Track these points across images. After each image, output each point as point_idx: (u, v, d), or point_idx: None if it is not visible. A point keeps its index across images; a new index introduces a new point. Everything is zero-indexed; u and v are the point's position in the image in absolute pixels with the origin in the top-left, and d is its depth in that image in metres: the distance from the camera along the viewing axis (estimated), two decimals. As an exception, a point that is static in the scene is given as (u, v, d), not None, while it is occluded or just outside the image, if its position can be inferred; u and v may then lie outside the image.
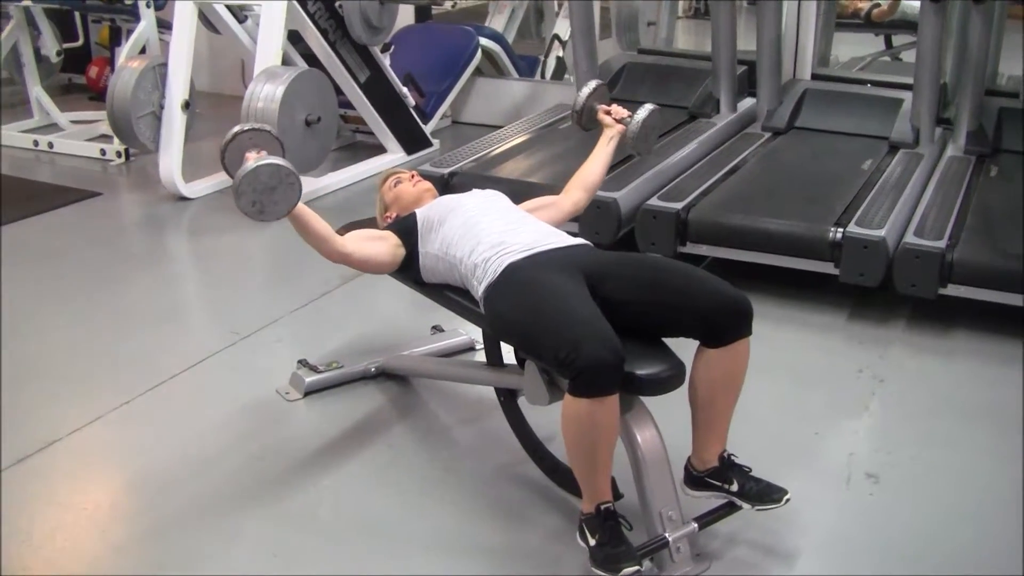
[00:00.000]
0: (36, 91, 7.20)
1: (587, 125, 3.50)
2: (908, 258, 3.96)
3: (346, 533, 2.84)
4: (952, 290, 3.98)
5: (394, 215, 3.29)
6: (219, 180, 5.81)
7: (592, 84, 3.48)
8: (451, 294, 3.03)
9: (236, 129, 2.89)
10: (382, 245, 3.07)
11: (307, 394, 3.54)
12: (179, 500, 2.99)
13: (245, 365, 3.84)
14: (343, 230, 3.58)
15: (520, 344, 2.75)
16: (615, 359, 2.36)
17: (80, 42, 7.89)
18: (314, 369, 3.61)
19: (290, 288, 4.49)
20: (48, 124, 7.16)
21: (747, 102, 5.91)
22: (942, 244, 3.97)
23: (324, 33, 5.72)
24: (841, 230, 4.08)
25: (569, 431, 2.46)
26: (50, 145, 6.73)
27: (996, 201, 4.57)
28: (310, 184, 5.69)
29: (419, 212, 3.11)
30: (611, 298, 2.63)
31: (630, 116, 3.38)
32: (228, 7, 5.92)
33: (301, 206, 2.80)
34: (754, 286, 4.24)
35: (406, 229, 3.10)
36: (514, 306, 2.66)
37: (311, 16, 5.60)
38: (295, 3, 5.50)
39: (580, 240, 2.93)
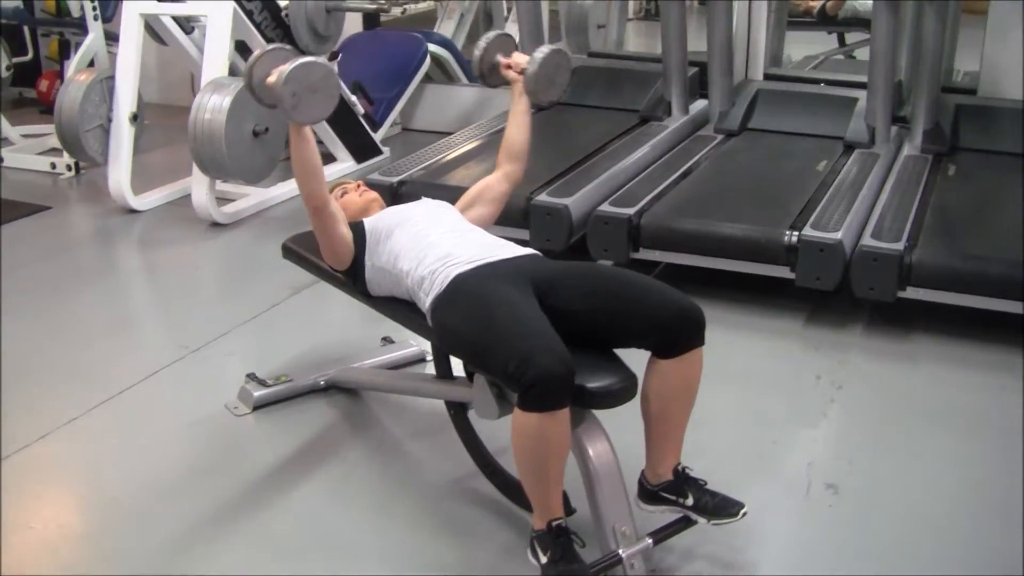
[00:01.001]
0: (-14, 106, 7.10)
1: (491, 81, 3.26)
2: (865, 261, 3.91)
3: (299, 550, 2.79)
4: (911, 293, 3.92)
5: (340, 226, 3.21)
6: (169, 192, 5.74)
7: (491, 35, 3.23)
8: (398, 306, 2.96)
9: (273, 46, 2.92)
10: (347, 230, 2.98)
11: (256, 408, 3.48)
12: (127, 519, 2.94)
13: (194, 379, 3.78)
14: (290, 243, 3.54)
15: (468, 357, 2.68)
16: (565, 372, 2.31)
17: (30, 56, 7.80)
18: (263, 383, 3.54)
19: (240, 300, 4.42)
20: (-1, 138, 7.07)
21: (699, 104, 5.85)
22: (900, 246, 3.92)
23: (271, 43, 5.61)
24: (796, 233, 4.03)
25: (519, 446, 2.40)
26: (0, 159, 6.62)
27: (955, 201, 4.52)
28: (259, 195, 5.63)
29: (367, 222, 3.04)
30: (560, 308, 2.58)
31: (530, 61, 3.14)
32: (174, 18, 5.83)
33: (311, 134, 2.80)
34: (709, 292, 4.20)
35: (356, 234, 3.02)
36: (462, 319, 2.60)
37: (257, 26, 5.51)
38: (241, 13, 5.41)
39: (529, 250, 2.86)
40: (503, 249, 2.82)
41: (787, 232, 4.06)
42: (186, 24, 5.94)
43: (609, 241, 4.32)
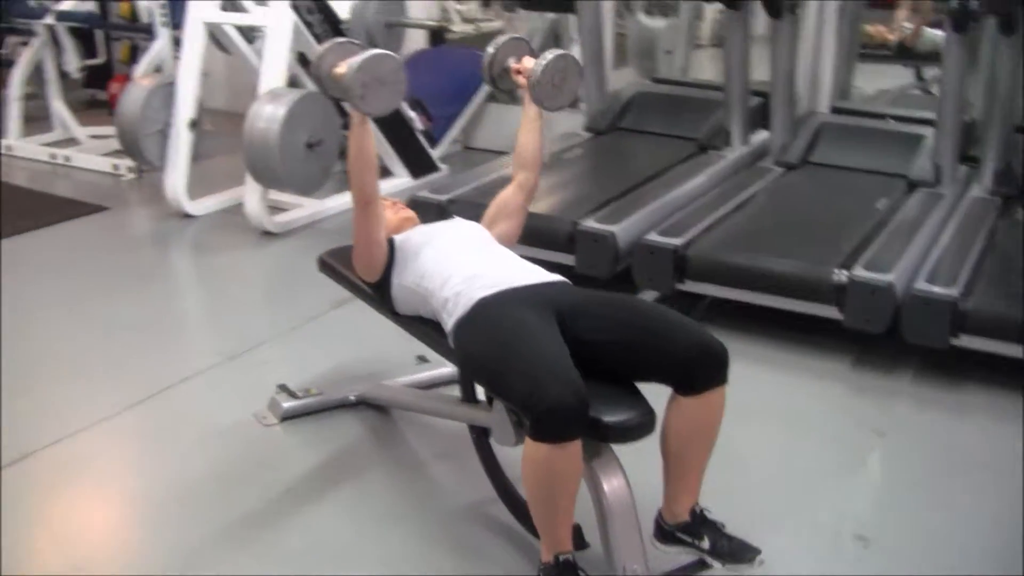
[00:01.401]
0: (57, 106, 7.27)
1: (501, 85, 3.19)
2: (917, 305, 3.77)
3: (307, 562, 2.78)
4: (965, 341, 3.76)
5: (374, 242, 3.18)
6: (224, 198, 5.78)
7: (502, 38, 3.15)
8: (424, 327, 2.92)
9: (343, 39, 2.95)
10: (384, 236, 2.94)
11: (284, 420, 3.48)
12: (143, 520, 2.98)
13: (226, 387, 3.79)
14: (327, 256, 3.50)
15: (486, 383, 2.63)
16: (577, 403, 2.25)
17: (102, 59, 7.91)
18: (293, 395, 3.54)
19: (282, 310, 4.43)
20: (68, 138, 7.24)
21: (762, 135, 5.73)
22: (955, 291, 3.77)
23: (334, 49, 5.64)
24: (846, 272, 3.91)
25: (528, 476, 2.35)
26: (66, 159, 6.78)
27: (1020, 247, 4.30)
28: (312, 207, 5.63)
29: (397, 239, 3.00)
30: (582, 338, 2.52)
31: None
32: (237, 28, 5.86)
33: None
34: (755, 328, 4.14)
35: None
36: (480, 343, 2.55)
37: (317, 38, 5.53)
38: (300, 25, 5.43)
39: (556, 277, 2.80)
40: (529, 274, 2.76)
41: (836, 271, 3.93)
42: (249, 34, 5.97)
43: (654, 271, 4.25)
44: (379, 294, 3.02)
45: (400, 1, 5.94)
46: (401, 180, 6.22)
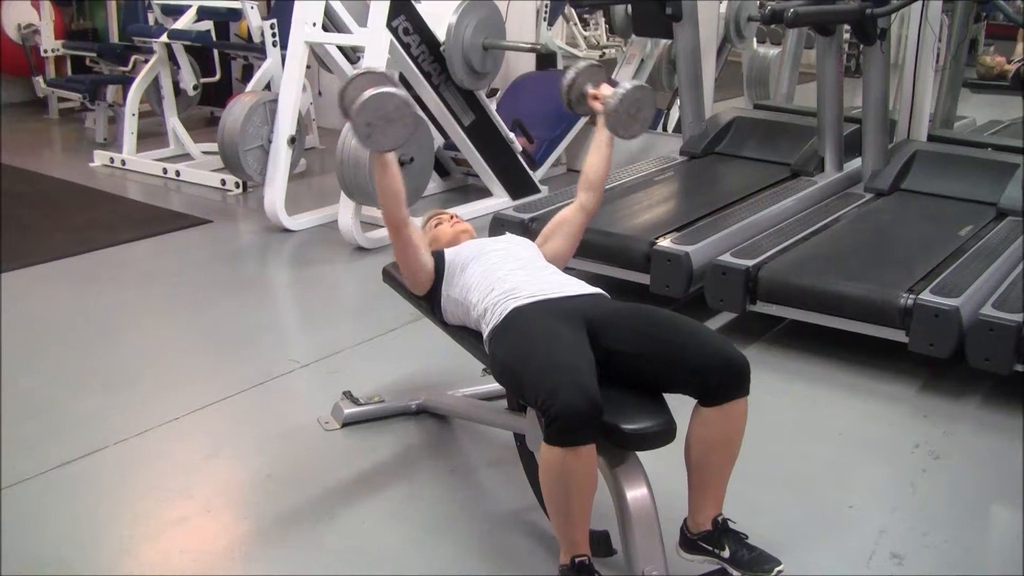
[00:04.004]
0: (173, 122, 7.58)
1: (578, 110, 3.29)
2: (981, 330, 3.73)
3: (343, 562, 2.85)
4: (1030, 367, 3.73)
5: (430, 254, 3.29)
6: (322, 215, 5.95)
7: (581, 64, 3.25)
8: (469, 336, 3.01)
9: (366, 68, 2.98)
10: (427, 257, 3.08)
11: (345, 425, 3.58)
12: (192, 512, 3.08)
13: (295, 393, 3.93)
14: (391, 267, 3.62)
15: (511, 388, 2.72)
16: (588, 409, 2.31)
17: (217, 77, 8.20)
18: (356, 401, 3.64)
19: (362, 322, 4.56)
20: (182, 154, 7.54)
21: (857, 163, 5.69)
22: (1020, 317, 3.72)
23: (428, 76, 5.79)
24: (913, 296, 3.89)
25: (544, 480, 2.42)
26: (177, 173, 7.06)
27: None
28: (413, 224, 5.73)
29: (448, 252, 3.11)
30: (611, 348, 2.60)
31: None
32: (339, 48, 6.04)
33: (394, 160, 2.87)
34: (826, 350, 4.15)
35: (437, 263, 3.11)
36: (508, 351, 2.64)
37: (414, 59, 5.68)
38: (398, 46, 5.58)
39: (595, 290, 2.88)
40: (566, 286, 2.84)
41: (904, 295, 3.92)
42: (352, 54, 6.15)
43: (725, 291, 4.27)
44: (429, 305, 3.14)
45: (500, 21, 6.00)
46: (500, 200, 6.31)
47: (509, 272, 2.90)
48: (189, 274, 5.27)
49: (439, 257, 3.11)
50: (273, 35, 6.47)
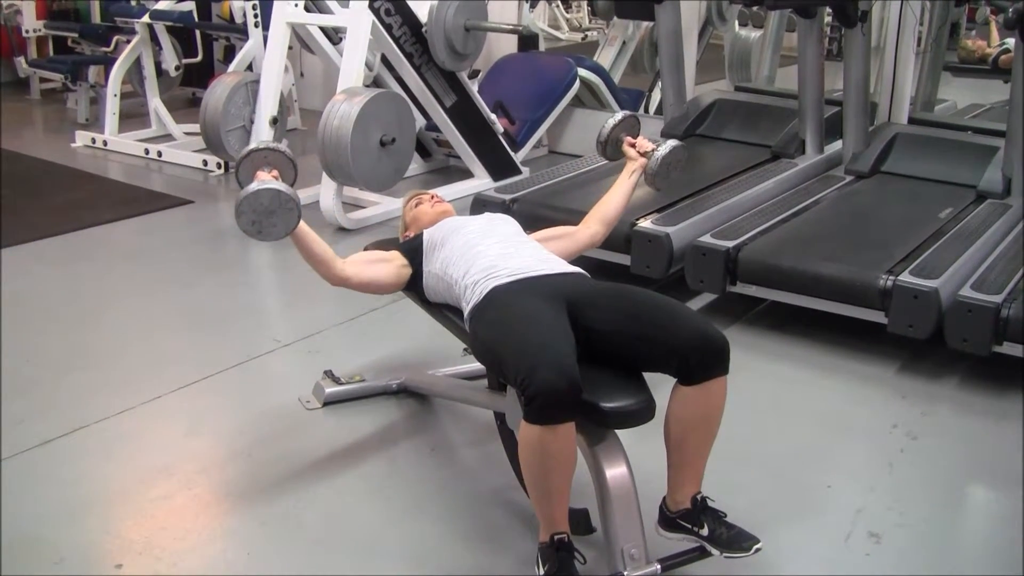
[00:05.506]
0: (155, 103, 7.55)
1: (612, 156, 3.50)
2: (960, 311, 3.76)
3: (323, 540, 2.87)
4: (1008, 348, 3.75)
5: (411, 234, 3.31)
6: (303, 196, 5.83)
7: (620, 115, 3.47)
8: (450, 315, 3.02)
9: (252, 147, 2.98)
10: (384, 267, 3.11)
11: (326, 404, 3.59)
12: (175, 491, 3.09)
13: (277, 372, 3.95)
14: (372, 247, 3.62)
15: (492, 367, 2.73)
16: (569, 387, 2.32)
17: (199, 58, 8.16)
18: (337, 381, 3.66)
19: (344, 303, 4.52)
20: (164, 134, 7.51)
21: (838, 145, 5.71)
22: (998, 298, 3.75)
23: (409, 57, 5.78)
24: (892, 278, 3.92)
25: (523, 457, 2.44)
26: (159, 154, 7.04)
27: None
28: (388, 204, 5.75)
29: (426, 233, 3.13)
30: (591, 327, 2.61)
31: (654, 149, 3.34)
32: (322, 28, 6.03)
33: (304, 227, 2.85)
34: (807, 331, 4.18)
35: (413, 249, 3.13)
36: (488, 329, 2.65)
37: (396, 40, 5.66)
38: (380, 27, 5.56)
39: (575, 269, 2.90)
40: (549, 265, 2.86)
41: (883, 276, 3.94)
42: (334, 35, 6.13)
43: (705, 272, 4.29)
44: (412, 282, 3.14)
45: (482, 3, 5.99)
46: (481, 181, 6.29)
47: (488, 247, 2.91)
48: (171, 254, 5.27)
49: (417, 240, 3.14)
50: (255, 16, 6.47)
